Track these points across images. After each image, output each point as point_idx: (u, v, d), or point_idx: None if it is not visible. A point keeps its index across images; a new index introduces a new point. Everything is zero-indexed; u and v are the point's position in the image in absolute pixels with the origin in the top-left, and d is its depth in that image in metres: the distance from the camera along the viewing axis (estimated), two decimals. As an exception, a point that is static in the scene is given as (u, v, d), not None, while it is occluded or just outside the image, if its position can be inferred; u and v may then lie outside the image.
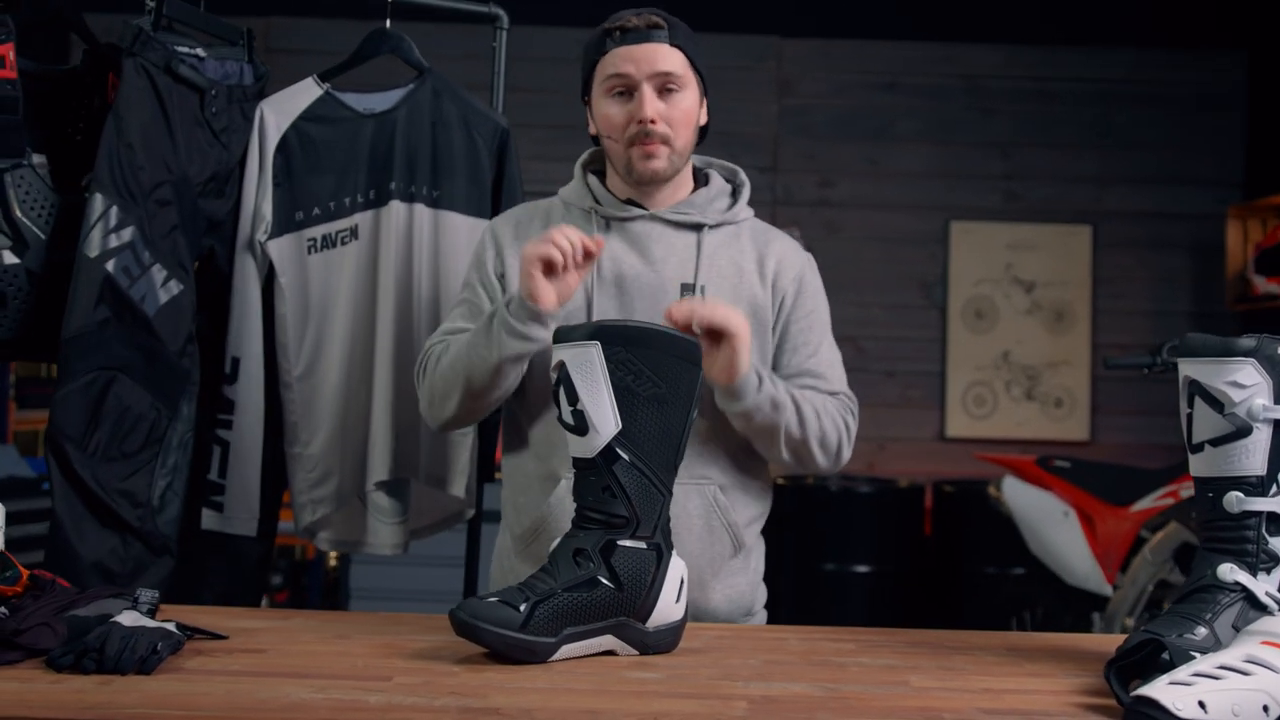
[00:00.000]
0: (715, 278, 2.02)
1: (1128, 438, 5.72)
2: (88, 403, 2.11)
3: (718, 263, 2.03)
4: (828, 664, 1.64)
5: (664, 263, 2.02)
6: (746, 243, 2.07)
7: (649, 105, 1.96)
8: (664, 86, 1.97)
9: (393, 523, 2.49)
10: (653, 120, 1.96)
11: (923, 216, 5.81)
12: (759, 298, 2.04)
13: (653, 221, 2.04)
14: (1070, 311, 5.79)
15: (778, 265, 2.06)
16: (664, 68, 1.96)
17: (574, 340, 1.64)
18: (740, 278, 2.04)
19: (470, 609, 1.59)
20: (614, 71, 1.98)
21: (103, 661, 1.49)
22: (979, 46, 5.83)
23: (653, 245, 2.03)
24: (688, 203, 2.06)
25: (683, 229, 2.04)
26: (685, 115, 2.00)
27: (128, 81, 2.18)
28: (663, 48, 1.97)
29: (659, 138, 1.97)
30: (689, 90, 2.00)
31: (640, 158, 1.99)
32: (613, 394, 1.62)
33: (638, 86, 1.97)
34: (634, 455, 1.63)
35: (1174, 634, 1.47)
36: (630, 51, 1.97)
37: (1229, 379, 1.53)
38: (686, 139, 2.02)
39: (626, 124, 1.98)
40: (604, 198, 2.06)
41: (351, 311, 2.46)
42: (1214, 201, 5.69)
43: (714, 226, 2.05)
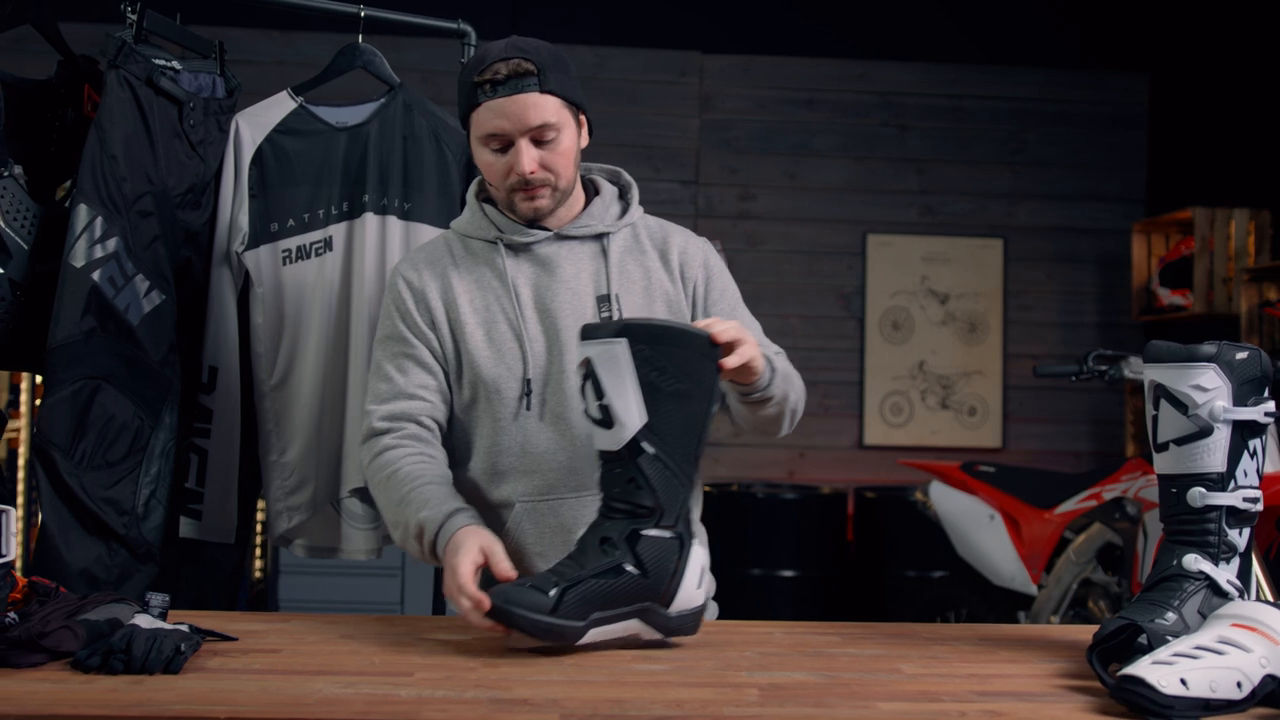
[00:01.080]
0: (626, 284, 2.07)
1: (1038, 444, 5.94)
2: (74, 411, 2.13)
3: (626, 270, 2.08)
4: (819, 655, 1.73)
5: (577, 279, 2.05)
6: (646, 242, 2.11)
7: (525, 159, 1.95)
8: (541, 137, 1.96)
9: (366, 528, 2.53)
10: (531, 172, 1.96)
11: (841, 230, 5.97)
12: (670, 293, 2.09)
13: (557, 240, 2.07)
14: (983, 322, 5.99)
15: (681, 257, 2.10)
16: (537, 120, 1.94)
17: (601, 338, 1.71)
18: (649, 279, 2.08)
19: (503, 594, 1.66)
20: (489, 130, 1.96)
21: (130, 662, 1.52)
22: (896, 64, 6.02)
23: (563, 264, 2.05)
24: (587, 215, 2.08)
25: (587, 240, 2.08)
26: (564, 157, 2.00)
27: (111, 93, 2.20)
28: (533, 97, 1.94)
29: (539, 183, 1.99)
30: (565, 131, 1.99)
31: (523, 200, 2.01)
32: (639, 389, 1.70)
33: (513, 141, 1.96)
34: (658, 448, 1.71)
35: (1147, 619, 1.59)
36: (502, 107, 1.94)
37: (1192, 383, 1.65)
38: (569, 176, 2.02)
39: (506, 174, 1.99)
40: (505, 225, 2.06)
41: (326, 321, 2.50)
42: (1119, 217, 5.95)
43: (615, 234, 2.09)
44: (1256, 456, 1.69)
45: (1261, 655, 1.43)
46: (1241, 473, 1.67)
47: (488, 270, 2.06)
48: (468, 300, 2.04)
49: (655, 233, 2.14)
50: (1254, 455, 1.68)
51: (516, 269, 2.05)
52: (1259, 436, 1.68)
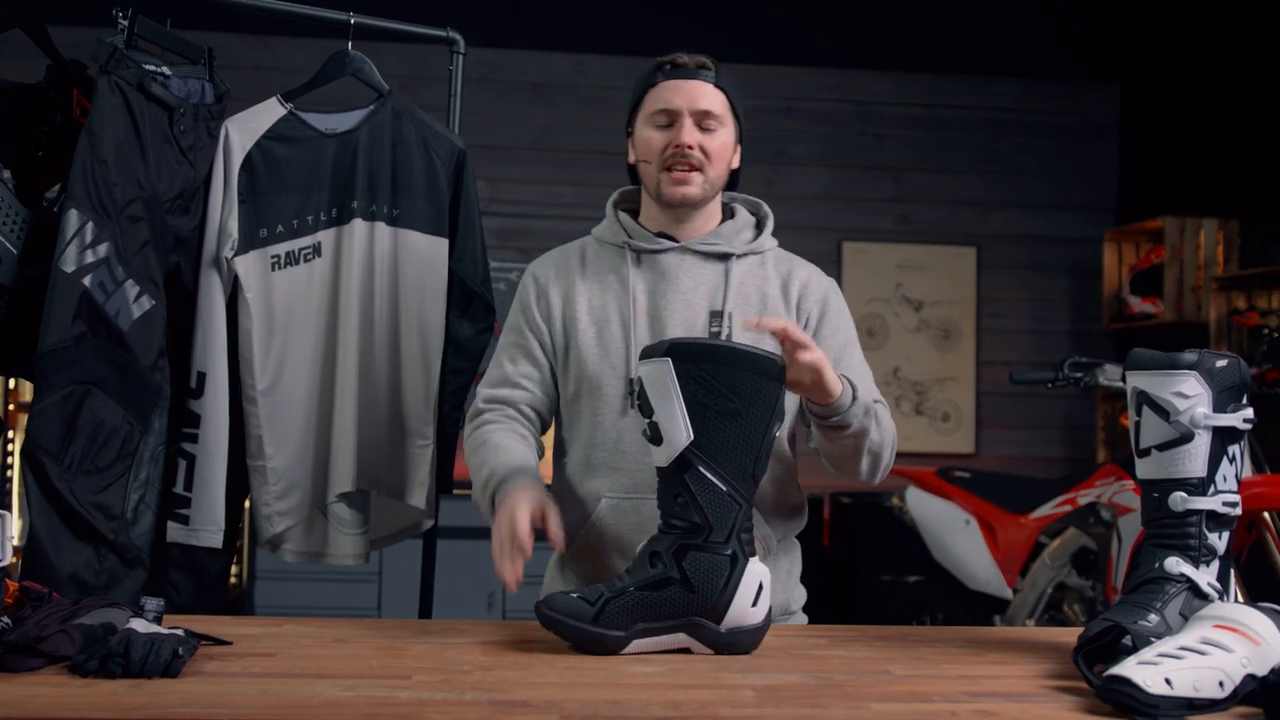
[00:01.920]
0: (742, 304, 2.13)
1: (1011, 450, 5.99)
2: (64, 416, 2.14)
3: (744, 290, 2.15)
4: (809, 657, 1.76)
5: (694, 291, 2.13)
6: (771, 270, 2.18)
7: (688, 133, 2.08)
8: (703, 122, 2.09)
9: (354, 534, 2.54)
10: (690, 146, 2.08)
11: (816, 237, 6.00)
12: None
13: (682, 253, 2.16)
14: (956, 329, 6.05)
15: (802, 289, 2.17)
16: (705, 104, 2.09)
17: (651, 357, 1.75)
18: (765, 304, 2.15)
19: (551, 603, 1.73)
20: (661, 104, 2.11)
21: (129, 666, 1.53)
22: (872, 74, 6.07)
23: (682, 275, 2.14)
24: (715, 234, 2.17)
25: (711, 259, 2.16)
26: (720, 149, 2.12)
27: (102, 98, 2.21)
28: (707, 86, 2.10)
29: (694, 163, 2.09)
30: (726, 129, 2.12)
31: (671, 183, 2.11)
32: (684, 408, 1.72)
33: (680, 117, 2.09)
34: (708, 466, 1.73)
35: (1130, 620, 1.63)
36: (678, 85, 2.10)
37: (1174, 390, 1.69)
38: (719, 172, 2.13)
39: (664, 149, 2.10)
40: (635, 232, 2.18)
41: (315, 327, 2.51)
42: (1090, 226, 6.01)
43: (740, 256, 2.16)
44: (1235, 462, 1.73)
45: (1243, 655, 1.47)
46: (1221, 478, 1.71)
47: (612, 274, 2.17)
48: (586, 299, 2.16)
49: (783, 263, 2.20)
50: (1233, 460, 1.72)
51: (639, 275, 2.15)
52: (1238, 442, 1.73)
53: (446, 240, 2.58)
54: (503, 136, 5.76)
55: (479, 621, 1.97)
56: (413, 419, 2.56)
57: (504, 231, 5.79)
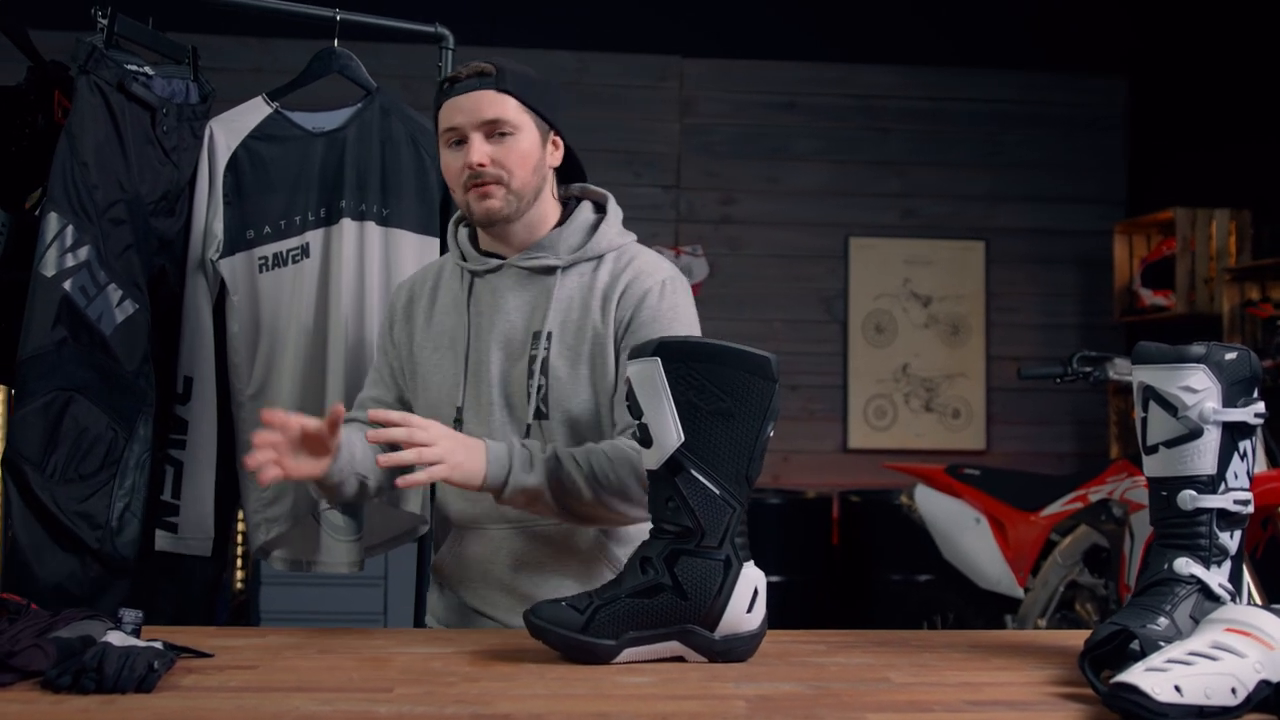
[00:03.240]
0: (562, 322, 2.03)
1: (1022, 446, 5.93)
2: (46, 424, 2.10)
3: (569, 305, 2.04)
4: (807, 664, 1.70)
5: (517, 311, 2.05)
6: (604, 275, 2.06)
7: (475, 151, 1.98)
8: (494, 132, 1.99)
9: (347, 540, 2.49)
10: (480, 164, 1.98)
11: (822, 233, 5.96)
12: (600, 334, 2.03)
13: (507, 271, 2.07)
14: (965, 325, 5.98)
15: (623, 291, 2.04)
16: (490, 114, 1.98)
17: (640, 357, 1.69)
18: (586, 317, 2.03)
19: (539, 611, 1.67)
20: (447, 124, 2.01)
21: (102, 681, 1.48)
22: (875, 68, 6.01)
23: (508, 295, 2.06)
24: (538, 245, 2.06)
25: (536, 274, 2.06)
26: (520, 158, 2.00)
27: (82, 99, 2.17)
28: (488, 94, 1.99)
29: (490, 179, 1.99)
30: (523, 133, 2.01)
31: (475, 199, 2.01)
32: (674, 408, 1.67)
33: (466, 134, 2.00)
34: (699, 468, 1.68)
35: (1138, 624, 1.57)
36: (459, 102, 2.00)
37: (1182, 384, 1.63)
38: (523, 179, 2.01)
39: (460, 171, 2.01)
40: (469, 253, 2.10)
41: (304, 330, 2.46)
42: (1099, 218, 5.94)
43: (567, 267, 2.05)
44: (1246, 458, 1.66)
45: (1256, 660, 1.41)
46: (1232, 474, 1.65)
47: (453, 300, 2.11)
48: (432, 324, 2.11)
49: (618, 267, 2.07)
50: (1244, 457, 1.66)
51: (474, 300, 2.09)
52: (1249, 438, 1.66)
53: (438, 240, 2.53)
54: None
55: (468, 630, 1.92)
56: (404, 422, 2.51)
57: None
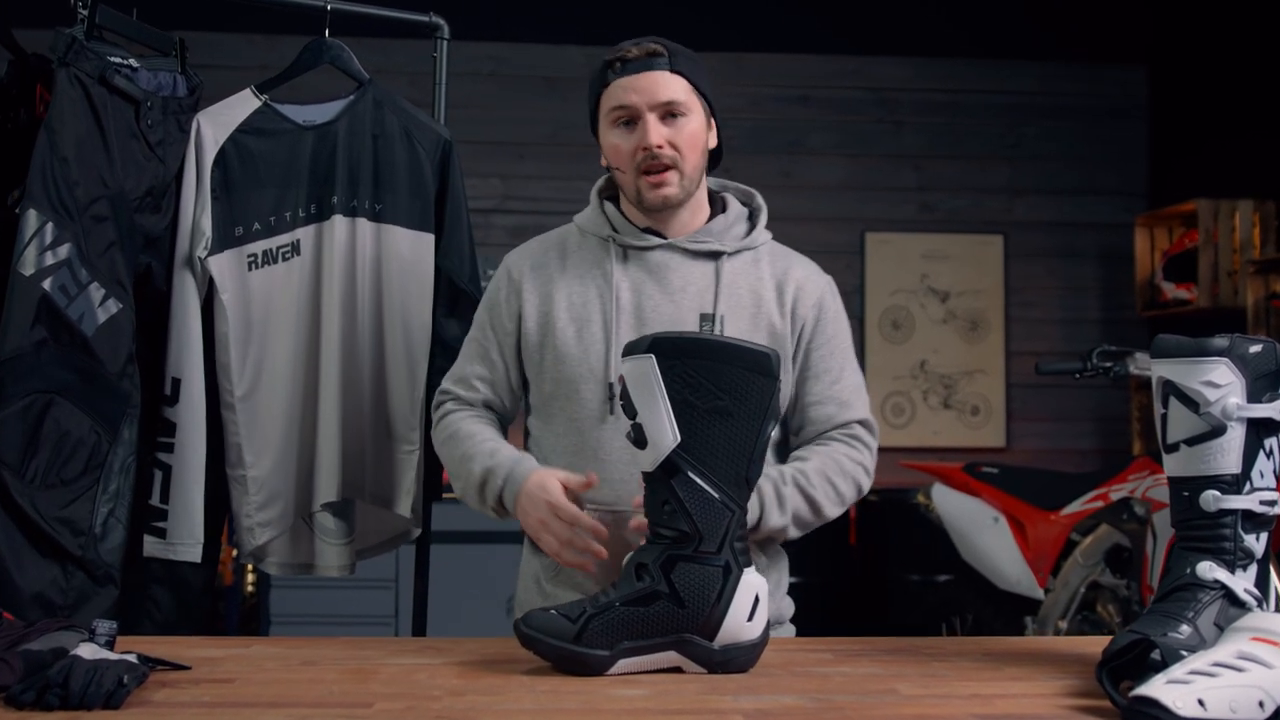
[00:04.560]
0: (734, 307, 2.01)
1: (1042, 443, 5.83)
2: (25, 428, 2.03)
3: (737, 291, 2.02)
4: (810, 674, 1.62)
5: (683, 292, 2.01)
6: (765, 268, 2.05)
7: (653, 132, 1.95)
8: (667, 113, 1.96)
9: (339, 544, 2.43)
10: (659, 146, 1.95)
11: (838, 228, 5.86)
12: (777, 326, 2.03)
13: (671, 250, 2.03)
14: (984, 320, 5.89)
15: (797, 291, 2.04)
16: (665, 96, 1.95)
17: (633, 354, 1.62)
18: (759, 306, 2.02)
19: (530, 620, 1.60)
20: (617, 103, 1.98)
21: (68, 697, 1.41)
22: (890, 60, 5.92)
23: (671, 275, 2.02)
24: (705, 230, 2.05)
25: (700, 257, 2.03)
26: (691, 139, 1.98)
27: (61, 93, 2.10)
28: (662, 75, 1.96)
29: (667, 163, 1.96)
30: (693, 115, 1.99)
31: (649, 187, 1.98)
32: (669, 407, 1.59)
33: (641, 115, 1.96)
34: (696, 470, 1.60)
35: (1159, 633, 1.48)
36: (632, 82, 1.96)
37: (1203, 379, 1.55)
38: (695, 163, 2.00)
39: (634, 153, 1.97)
40: (621, 226, 2.06)
41: (295, 329, 2.40)
42: (1120, 211, 5.84)
43: (732, 253, 2.04)
44: (1273, 456, 1.58)
45: (1284, 671, 1.33)
46: (1258, 473, 1.56)
47: (596, 269, 2.04)
48: (566, 296, 2.04)
49: (778, 261, 2.07)
50: (1270, 455, 1.57)
51: (624, 272, 2.03)
52: (1275, 435, 1.58)
53: (432, 236, 2.46)
54: (515, 132, 5.65)
55: (460, 639, 1.85)
56: (398, 423, 2.45)
57: (518, 229, 5.67)
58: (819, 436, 2.06)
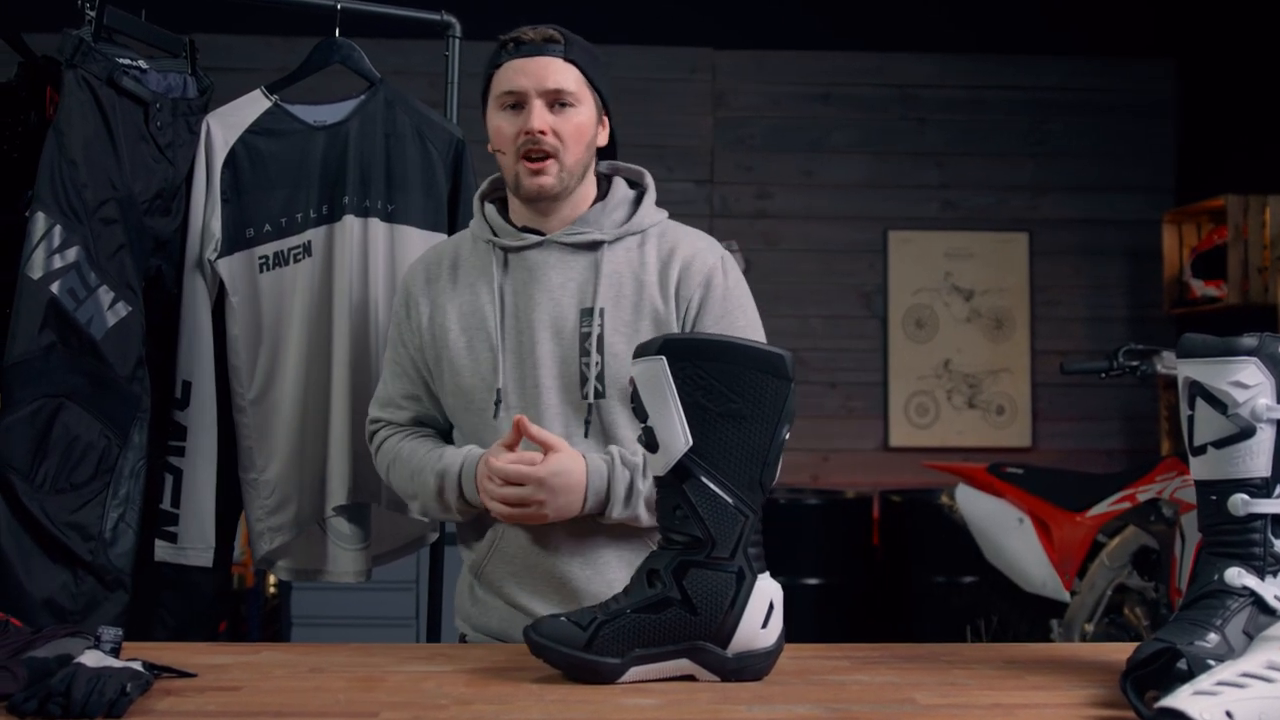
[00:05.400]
0: (615, 297, 1.95)
1: (1069, 443, 5.76)
2: (34, 432, 2.02)
3: (619, 281, 1.96)
4: (826, 683, 1.59)
5: (563, 289, 1.96)
6: (651, 251, 1.98)
7: (537, 117, 1.91)
8: (555, 101, 1.93)
9: (354, 549, 2.40)
10: (541, 131, 1.91)
11: (860, 227, 5.82)
12: (660, 312, 1.95)
13: (549, 247, 1.98)
14: (1009, 318, 5.82)
15: (681, 271, 1.96)
16: (554, 83, 1.92)
17: (644, 355, 1.59)
18: (641, 293, 1.96)
19: (540, 628, 1.58)
20: (507, 86, 1.94)
21: (69, 706, 1.39)
22: (911, 57, 5.86)
23: (551, 272, 1.97)
24: (582, 220, 1.99)
25: (580, 250, 1.97)
26: (576, 131, 1.94)
27: (69, 95, 2.09)
28: (555, 62, 1.93)
29: (547, 150, 1.92)
30: (582, 107, 1.95)
31: (527, 173, 1.93)
32: (681, 410, 1.56)
33: (528, 100, 1.92)
34: (709, 474, 1.57)
35: (1186, 641, 1.44)
36: (524, 65, 1.93)
37: (1231, 379, 1.50)
38: (577, 156, 1.95)
39: (516, 136, 1.93)
40: (500, 228, 2.00)
41: (306, 331, 2.37)
42: (1147, 207, 5.77)
43: (613, 242, 1.98)
44: (1304, 458, 1.53)
45: (1316, 682, 1.28)
46: (1288, 476, 1.51)
47: (482, 277, 2.00)
48: (457, 306, 2.00)
49: (666, 240, 2.00)
50: (1301, 457, 1.53)
51: (506, 276, 1.99)
52: (1307, 436, 1.53)
53: (446, 236, 2.43)
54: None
55: (470, 646, 1.82)
56: (413, 426, 2.42)
57: (538, 229, 5.66)
58: None
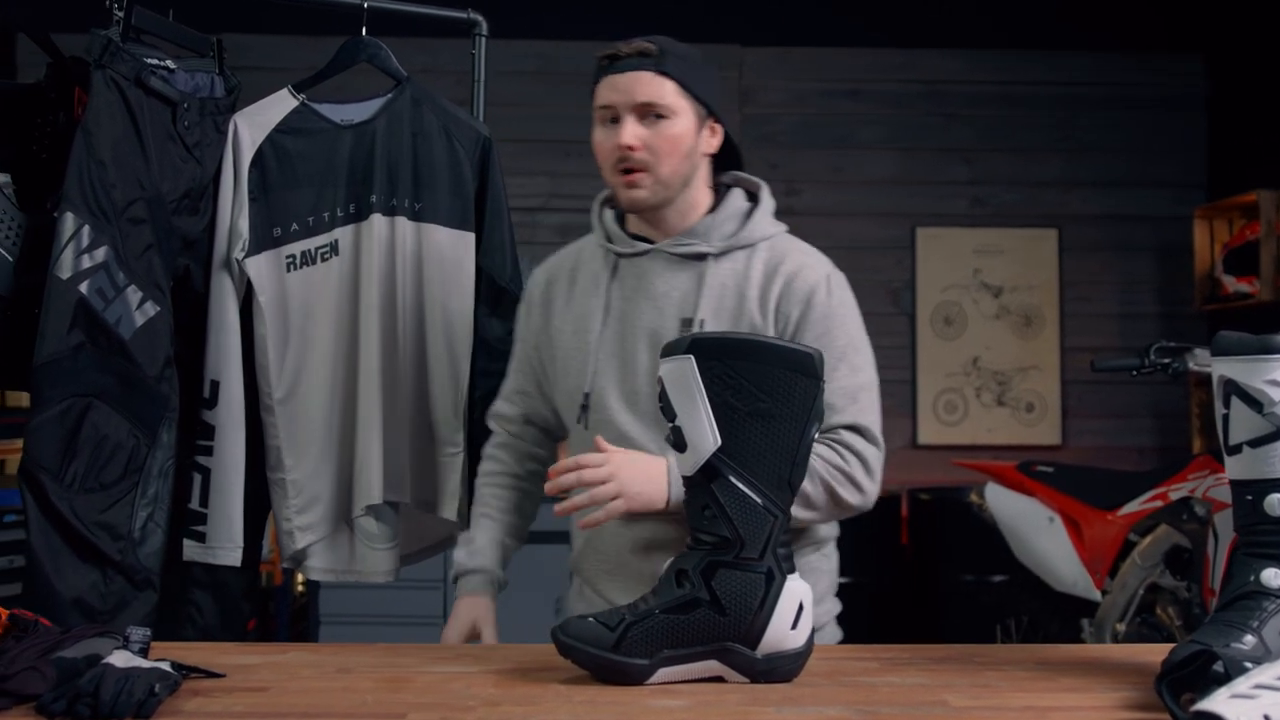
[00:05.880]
0: (717, 310, 1.97)
1: (1099, 441, 5.71)
2: (63, 432, 2.02)
3: (721, 293, 1.98)
4: (857, 685, 1.58)
5: (666, 298, 2.00)
6: (758, 265, 2.00)
7: (627, 132, 1.94)
8: (647, 114, 1.95)
9: (383, 548, 2.40)
10: (630, 147, 1.94)
11: (888, 223, 5.78)
12: (758, 326, 1.97)
13: (656, 256, 2.02)
14: (1039, 315, 5.78)
15: (784, 287, 1.97)
16: (645, 97, 1.94)
17: (672, 354, 1.58)
18: (742, 306, 1.97)
19: (568, 628, 1.57)
20: (601, 102, 1.98)
21: (98, 707, 1.39)
22: (939, 52, 5.82)
23: (656, 281, 2.01)
24: (690, 232, 2.01)
25: (686, 261, 2.01)
26: (670, 143, 1.95)
27: (97, 95, 2.09)
28: (646, 75, 1.94)
29: (638, 165, 1.95)
30: (678, 118, 1.95)
31: (623, 186, 1.97)
32: (709, 409, 1.56)
33: (620, 115, 1.95)
34: (738, 474, 1.56)
35: (1222, 643, 1.42)
36: (616, 81, 1.96)
37: (1268, 377, 1.48)
38: (673, 167, 1.96)
39: (612, 151, 1.97)
40: (615, 234, 2.06)
41: (334, 330, 2.38)
42: (1177, 203, 5.71)
43: (719, 255, 2.00)
44: (1342, 457, 1.51)
45: (1356, 685, 1.26)
46: (1325, 476, 1.49)
47: (595, 281, 2.06)
48: (571, 310, 2.07)
49: (774, 256, 2.01)
50: (1339, 456, 1.50)
51: (616, 282, 2.04)
52: (1344, 435, 1.51)
53: (473, 234, 2.43)
54: (560, 130, 5.62)
55: (499, 646, 1.82)
56: (441, 426, 2.42)
57: (565, 227, 5.65)
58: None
